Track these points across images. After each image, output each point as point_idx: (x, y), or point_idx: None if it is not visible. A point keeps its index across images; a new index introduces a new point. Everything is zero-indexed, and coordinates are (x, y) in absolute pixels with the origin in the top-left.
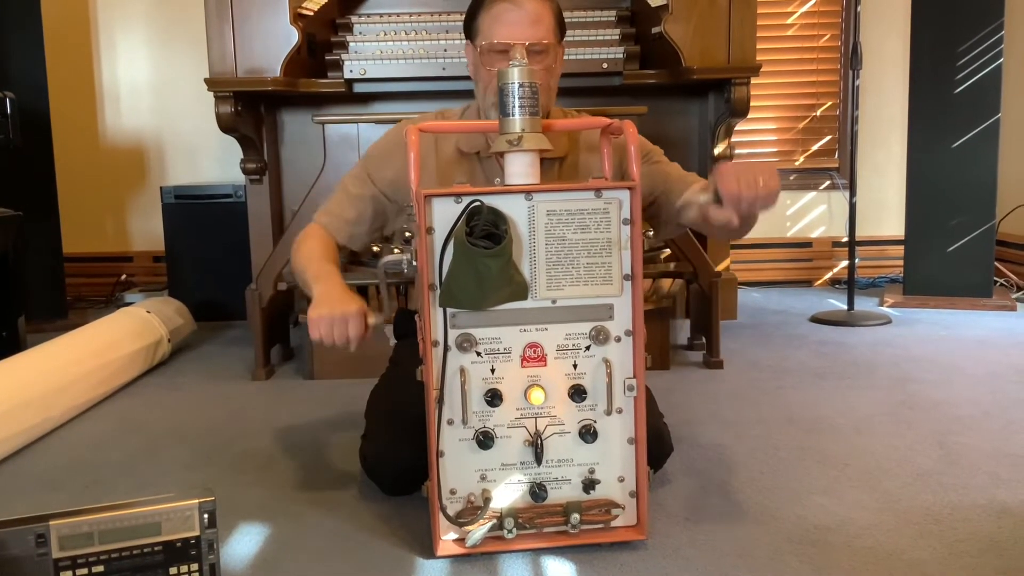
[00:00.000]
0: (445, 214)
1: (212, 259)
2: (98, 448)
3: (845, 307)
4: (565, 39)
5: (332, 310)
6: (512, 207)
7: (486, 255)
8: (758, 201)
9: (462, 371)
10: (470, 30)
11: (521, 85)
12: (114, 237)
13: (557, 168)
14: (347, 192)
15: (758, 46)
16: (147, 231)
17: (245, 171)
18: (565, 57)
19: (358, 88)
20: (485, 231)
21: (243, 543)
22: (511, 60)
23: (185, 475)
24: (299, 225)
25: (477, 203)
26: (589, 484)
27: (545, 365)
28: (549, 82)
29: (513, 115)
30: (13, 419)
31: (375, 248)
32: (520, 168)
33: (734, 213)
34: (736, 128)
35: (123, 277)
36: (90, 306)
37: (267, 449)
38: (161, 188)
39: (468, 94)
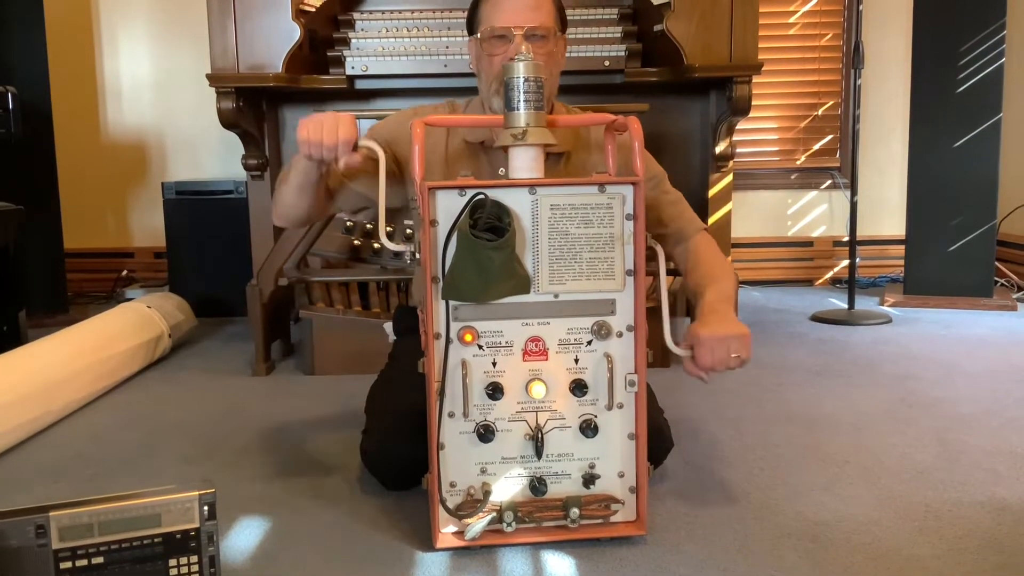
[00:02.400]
0: (449, 207)
1: (213, 255)
2: (98, 442)
3: (846, 306)
4: (567, 37)
5: (323, 114)
6: (516, 201)
7: (489, 248)
8: (728, 369)
9: (464, 364)
10: (472, 23)
11: (526, 79)
12: (115, 232)
13: (563, 164)
14: None
15: (760, 45)
16: (148, 227)
17: (246, 167)
18: (567, 55)
19: (360, 85)
20: (488, 224)
21: (243, 536)
22: (511, 46)
23: (185, 469)
24: (296, 228)
25: (481, 196)
26: (589, 479)
27: (546, 359)
28: (551, 69)
29: (518, 109)
30: (13, 412)
31: (376, 245)
32: (524, 162)
33: (705, 375)
34: (737, 127)
35: (124, 272)
36: (91, 301)
37: (267, 443)
38: (162, 184)
39: (470, 91)
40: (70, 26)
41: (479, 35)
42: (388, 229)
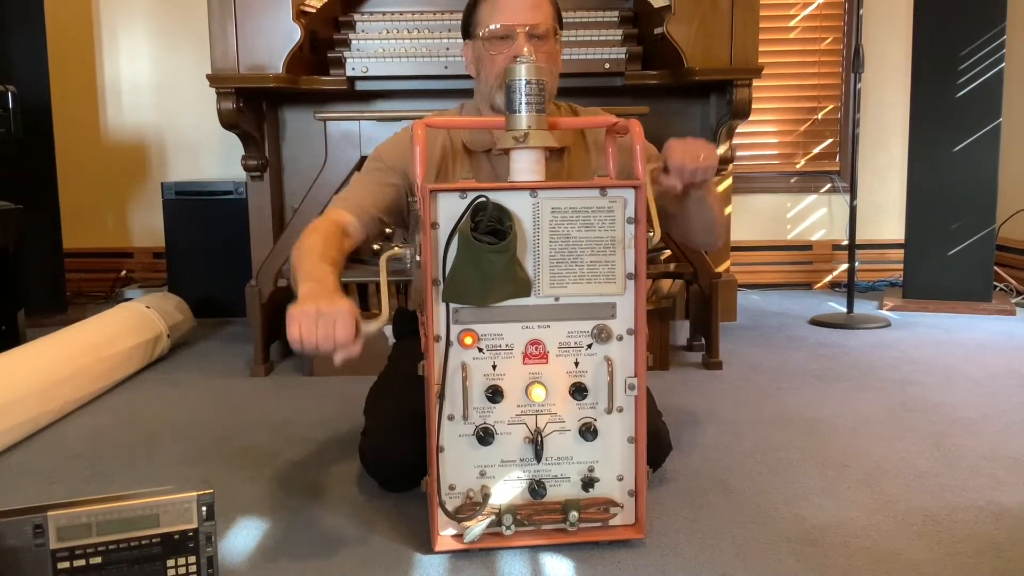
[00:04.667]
0: (450, 209)
1: (212, 255)
2: (96, 442)
3: (845, 310)
4: (568, 39)
5: (318, 305)
6: (517, 204)
7: (490, 251)
8: (697, 171)
9: (463, 367)
10: (468, 27)
11: (528, 82)
12: (114, 232)
13: (564, 159)
14: (361, 181)
15: (760, 48)
16: (147, 227)
17: (246, 168)
18: (568, 57)
19: (360, 86)
20: (489, 227)
21: (241, 537)
22: (515, 45)
23: (183, 470)
24: (299, 222)
25: (482, 199)
26: (588, 482)
27: (547, 362)
28: (551, 68)
29: (519, 112)
30: (12, 412)
31: (375, 246)
32: (526, 165)
33: (678, 180)
34: (737, 130)
35: (123, 273)
36: (90, 301)
37: (266, 445)
38: (162, 184)
39: (469, 93)
40: (70, 26)
41: (480, 35)
42: (387, 231)
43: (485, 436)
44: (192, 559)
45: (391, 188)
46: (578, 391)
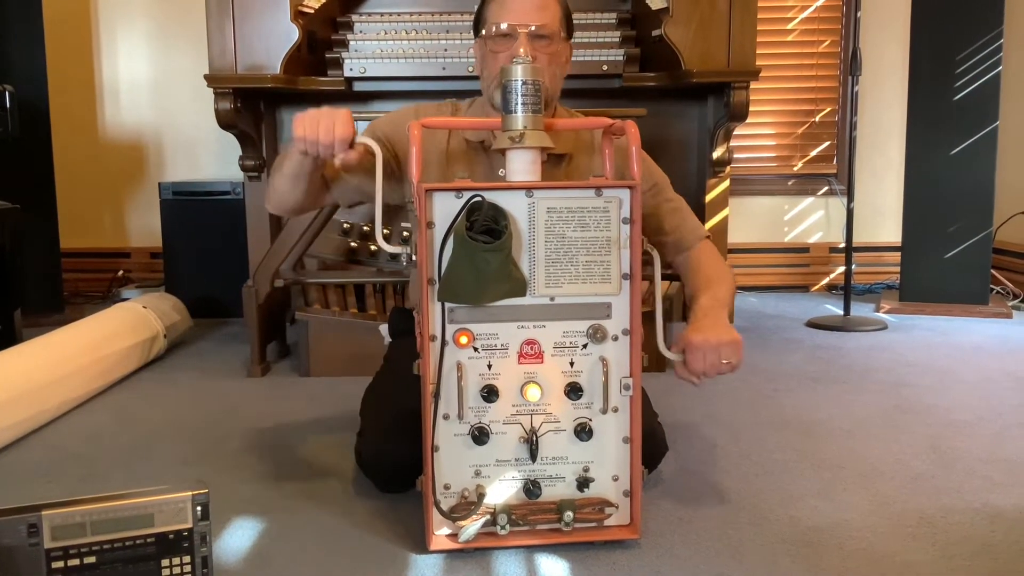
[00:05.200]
0: (445, 209)
1: (209, 256)
2: (93, 442)
3: (841, 312)
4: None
5: (320, 109)
6: (512, 203)
7: (486, 250)
8: (718, 374)
9: (459, 366)
10: (478, 24)
11: (524, 83)
12: (112, 232)
13: (565, 166)
14: None
15: (758, 51)
16: (145, 227)
17: (244, 168)
18: None
19: (358, 87)
20: (485, 226)
21: (236, 537)
22: (514, 46)
23: (179, 469)
24: (297, 224)
25: (478, 198)
26: (583, 482)
27: (542, 362)
28: (554, 70)
29: (515, 112)
30: (8, 411)
31: (372, 247)
32: (521, 165)
33: (695, 379)
34: (735, 132)
35: (120, 272)
36: (87, 301)
37: (262, 445)
38: (159, 184)
39: (467, 95)
40: (68, 25)
41: (485, 33)
42: (385, 231)
43: (480, 436)
44: (187, 559)
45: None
46: (573, 391)
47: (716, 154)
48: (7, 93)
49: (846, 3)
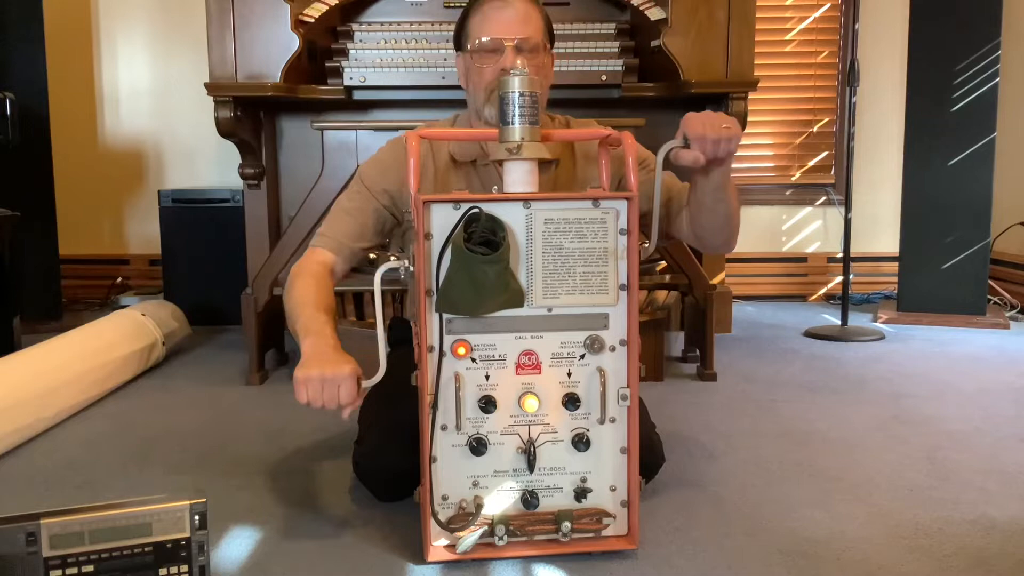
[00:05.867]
0: (443, 220)
1: (208, 263)
2: (91, 449)
3: (839, 322)
4: (565, 51)
5: (323, 371)
6: (510, 215)
7: (483, 261)
8: (721, 141)
9: (457, 377)
10: (460, 38)
11: (521, 94)
12: (110, 239)
13: (552, 171)
14: (344, 209)
15: (756, 61)
16: (144, 234)
17: (243, 176)
18: (565, 69)
19: (357, 95)
20: (483, 238)
21: (234, 546)
22: (502, 58)
23: (177, 478)
24: (296, 231)
25: (476, 210)
26: (581, 493)
27: (539, 373)
28: (541, 81)
29: (513, 124)
30: (6, 419)
31: (371, 256)
32: (519, 176)
33: (700, 153)
34: None
35: (119, 280)
36: (85, 308)
37: (259, 453)
38: (159, 191)
39: (466, 104)
40: (69, 33)
41: (470, 48)
42: (370, 256)
43: (478, 446)
44: (184, 568)
45: (372, 213)
46: (571, 401)
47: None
48: (8, 100)
49: (844, 14)
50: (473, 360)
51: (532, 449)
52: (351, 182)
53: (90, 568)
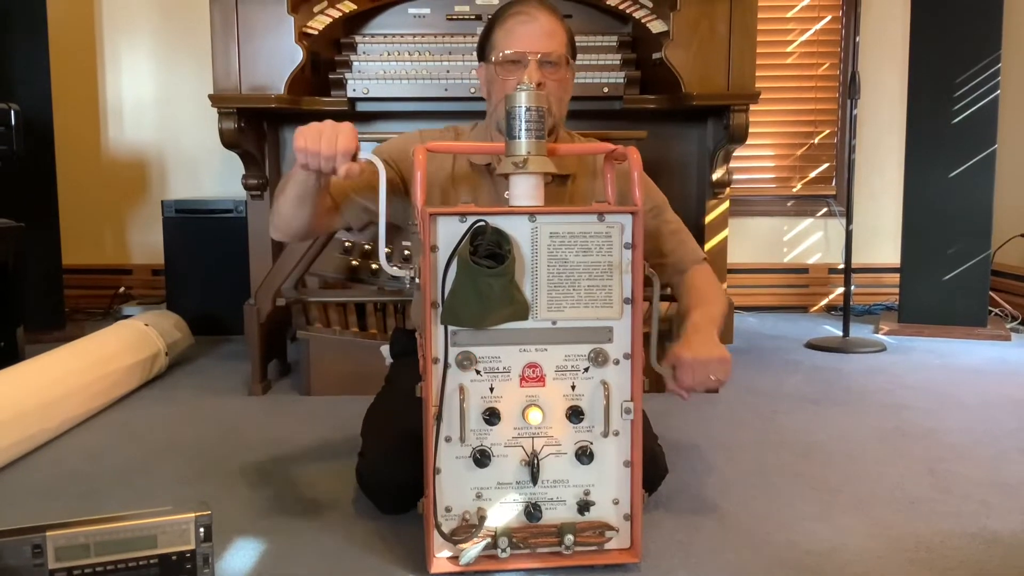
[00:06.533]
0: (449, 233)
1: (211, 273)
2: (94, 460)
3: (840, 334)
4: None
5: (323, 123)
6: (516, 228)
7: (489, 275)
8: (705, 389)
9: (461, 389)
10: (484, 49)
11: (528, 109)
12: (114, 249)
13: (568, 186)
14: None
15: (757, 73)
16: (147, 244)
17: (246, 187)
18: None
19: (361, 107)
20: (488, 251)
21: (238, 558)
22: (525, 73)
23: (180, 489)
24: (298, 242)
25: (481, 223)
26: (584, 505)
27: (544, 385)
28: (562, 95)
29: (519, 138)
30: (10, 429)
31: (374, 266)
32: (524, 190)
33: (684, 393)
34: (734, 154)
35: (122, 290)
36: (88, 318)
37: (263, 464)
38: (162, 202)
39: (469, 116)
40: (73, 44)
41: (494, 59)
42: (387, 250)
43: (482, 458)
44: None
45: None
46: (575, 414)
47: (716, 176)
48: (12, 111)
49: (845, 26)
50: (478, 372)
51: (536, 461)
52: None
53: None
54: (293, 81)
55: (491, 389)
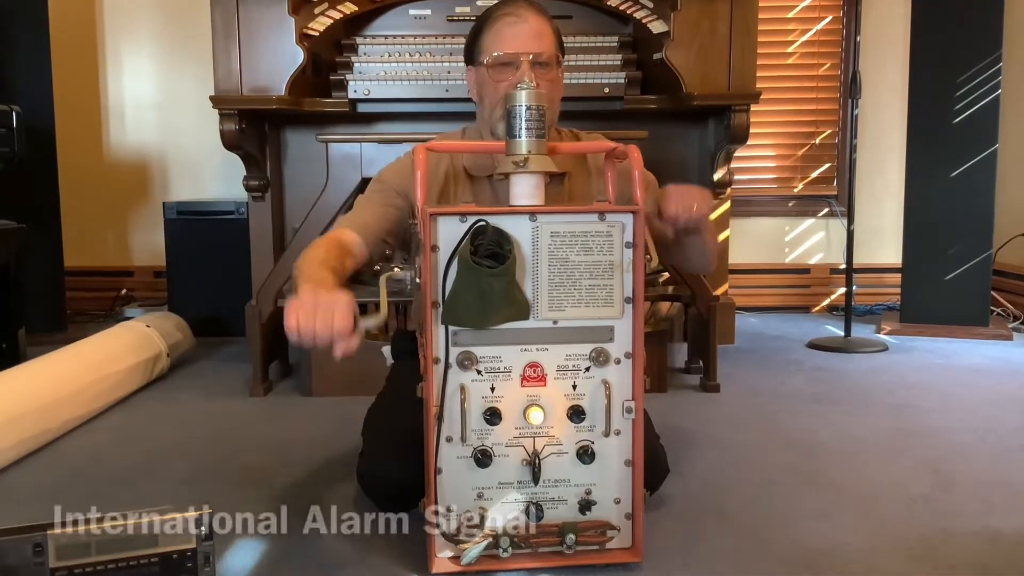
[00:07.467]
0: (450, 232)
1: (213, 275)
2: (96, 461)
3: (842, 334)
4: (568, 64)
5: (316, 296)
6: (516, 228)
7: (489, 274)
8: (690, 221)
9: (462, 389)
10: (472, 52)
11: (528, 108)
12: (115, 251)
13: (564, 184)
14: (367, 200)
15: (758, 74)
16: (148, 246)
17: (248, 188)
18: (568, 81)
19: (362, 108)
20: (489, 251)
21: (238, 557)
22: (517, 74)
23: (182, 489)
24: (300, 243)
25: (482, 223)
26: (585, 505)
27: (545, 385)
28: (554, 95)
29: (520, 137)
30: (11, 430)
31: (376, 267)
32: (525, 189)
33: (670, 228)
34: (735, 154)
35: (123, 291)
36: (90, 320)
37: (264, 465)
38: (164, 204)
39: (469, 116)
40: (75, 46)
41: (484, 62)
42: (388, 252)
43: (483, 458)
44: None
45: (394, 210)
46: (576, 414)
47: (717, 176)
48: (14, 113)
49: (846, 26)
50: (479, 372)
51: (537, 461)
52: (371, 184)
53: None
54: (294, 82)
55: (492, 389)
